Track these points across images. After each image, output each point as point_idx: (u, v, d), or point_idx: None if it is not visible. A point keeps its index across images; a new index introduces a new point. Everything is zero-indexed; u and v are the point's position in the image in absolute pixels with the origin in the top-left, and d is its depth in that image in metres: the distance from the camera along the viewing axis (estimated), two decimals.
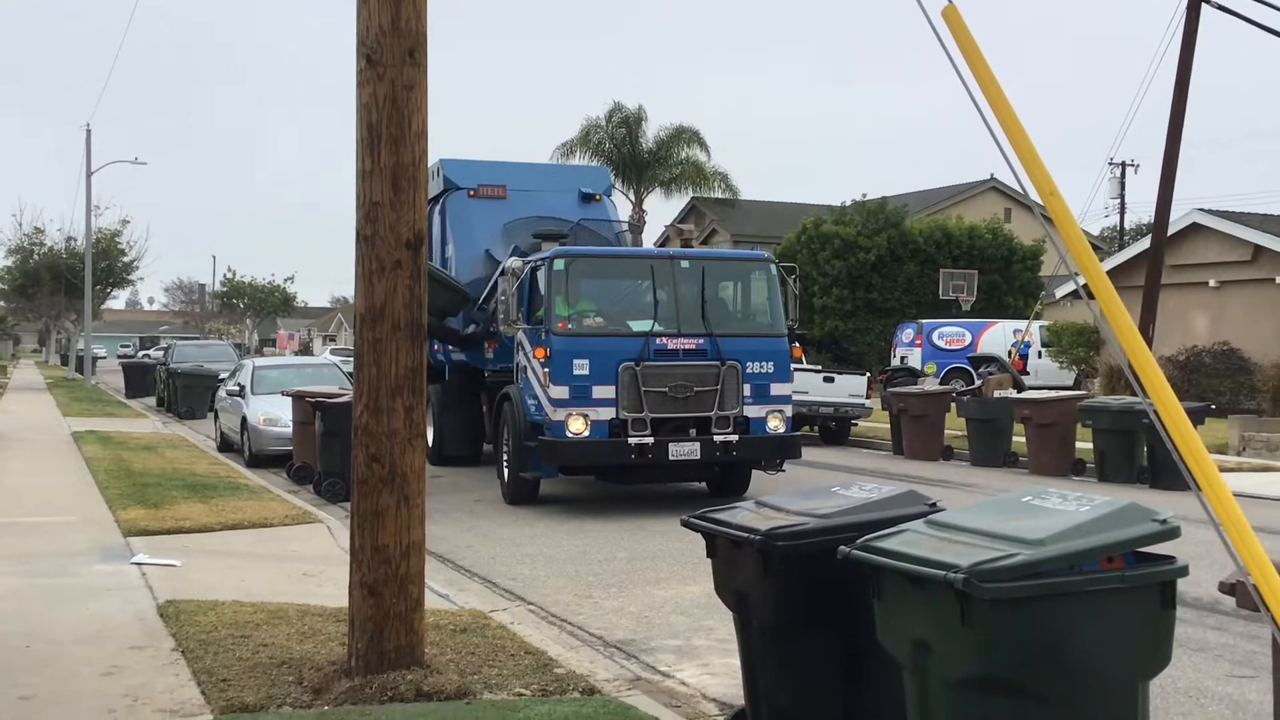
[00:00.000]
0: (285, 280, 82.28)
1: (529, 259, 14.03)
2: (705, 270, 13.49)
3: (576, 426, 12.70)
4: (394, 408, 5.95)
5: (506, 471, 14.09)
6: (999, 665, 3.82)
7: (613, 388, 12.76)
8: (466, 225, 17.12)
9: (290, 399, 16.48)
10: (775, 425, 13.45)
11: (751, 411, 13.30)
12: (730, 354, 13.13)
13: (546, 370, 12.85)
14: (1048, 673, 3.81)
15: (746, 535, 4.96)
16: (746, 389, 13.20)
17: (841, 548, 4.34)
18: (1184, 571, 3.92)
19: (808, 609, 4.88)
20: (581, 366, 12.74)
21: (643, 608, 8.69)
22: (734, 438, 13.09)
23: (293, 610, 7.54)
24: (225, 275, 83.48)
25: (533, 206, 16.96)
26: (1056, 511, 4.11)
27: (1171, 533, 3.93)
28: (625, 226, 17.92)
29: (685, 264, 13.53)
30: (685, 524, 5.43)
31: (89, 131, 44.46)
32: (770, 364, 13.44)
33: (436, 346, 17.41)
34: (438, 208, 17.59)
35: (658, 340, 12.94)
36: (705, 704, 6.36)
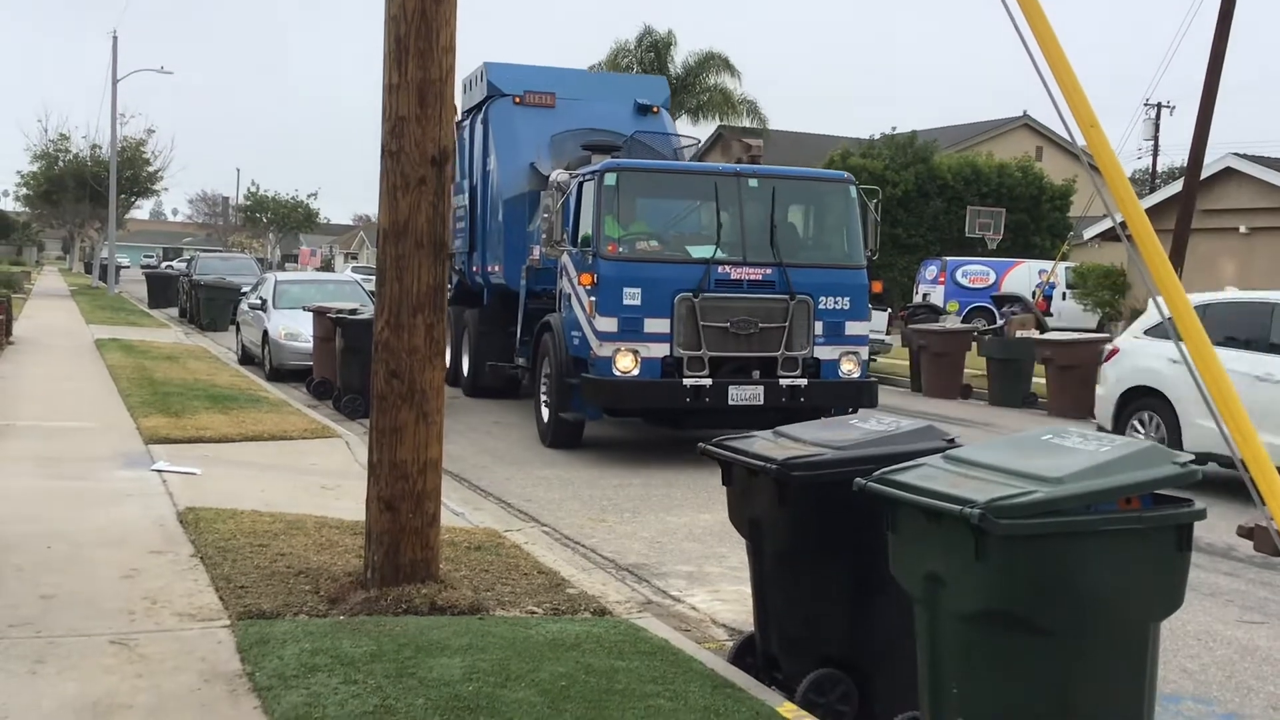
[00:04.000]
0: (309, 196, 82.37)
1: (576, 172, 12.53)
2: (776, 190, 11.91)
3: (625, 364, 11.28)
4: (415, 325, 5.95)
5: (545, 411, 12.74)
6: (1010, 601, 3.82)
7: (667, 321, 11.32)
8: (510, 135, 15.60)
9: (311, 314, 16.53)
10: (849, 369, 11.95)
11: (823, 353, 11.83)
12: (801, 287, 11.66)
13: (593, 299, 11.43)
14: (1059, 610, 3.81)
15: (763, 464, 4.95)
16: (818, 327, 11.77)
17: (858, 479, 4.32)
18: (1202, 515, 3.89)
19: (821, 539, 4.89)
20: (632, 296, 11.28)
21: (656, 533, 8.75)
22: (803, 382, 11.61)
23: (310, 522, 7.62)
24: (249, 189, 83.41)
25: (583, 117, 15.37)
26: (1076, 451, 4.08)
27: (1190, 475, 3.90)
28: (686, 143, 15.94)
29: (753, 183, 11.90)
30: (702, 451, 5.44)
31: (115, 39, 44.23)
32: (846, 299, 11.94)
33: (475, 267, 16.72)
34: (479, 116, 16.46)
35: (720, 269, 11.47)
36: (715, 629, 6.43)
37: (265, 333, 19.11)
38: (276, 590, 6.03)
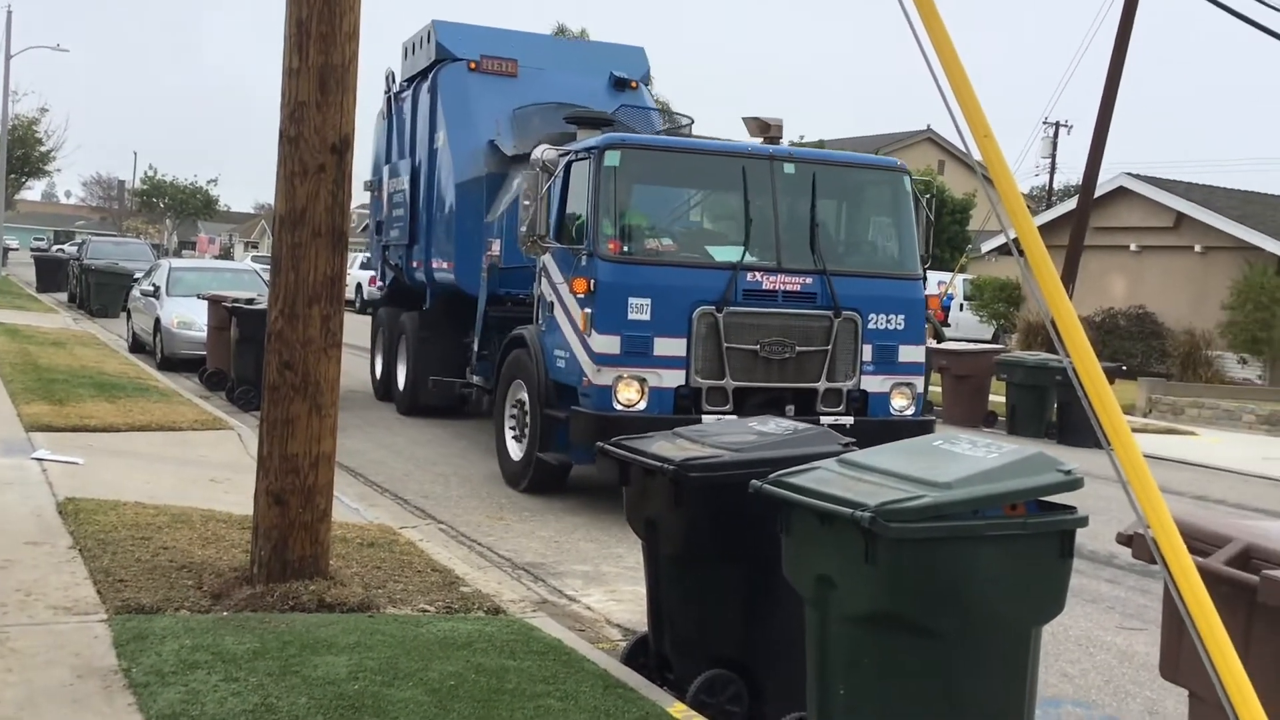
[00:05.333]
0: (208, 182, 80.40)
1: (566, 149, 9.96)
2: (817, 179, 9.57)
3: (628, 395, 8.93)
4: (310, 315, 5.82)
5: (515, 447, 10.31)
6: (899, 603, 3.86)
7: (683, 341, 8.95)
8: (464, 107, 13.18)
9: (206, 303, 16.13)
10: (902, 404, 9.64)
11: (872, 384, 9.51)
12: (848, 301, 9.35)
13: (588, 311, 8.99)
14: (945, 613, 3.86)
15: (660, 464, 4.95)
16: (866, 351, 9.46)
17: (753, 481, 4.34)
18: (1084, 522, 3.99)
19: (716, 540, 4.90)
20: (639, 309, 8.87)
21: (554, 532, 8.71)
22: (847, 420, 9.20)
23: (196, 515, 7.42)
24: (146, 173, 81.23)
25: (550, 90, 13.07)
26: (965, 457, 4.15)
27: (1074, 483, 3.99)
28: (683, 122, 13.15)
29: (790, 168, 9.54)
30: (600, 450, 5.41)
31: (9, 13, 42.71)
32: (900, 317, 9.59)
33: (416, 262, 14.14)
34: (425, 85, 13.88)
35: (749, 276, 9.12)
36: (609, 629, 6.41)
37: (157, 320, 18.60)
38: (158, 585, 5.85)
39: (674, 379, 8.98)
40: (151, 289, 19.59)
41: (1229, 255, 25.51)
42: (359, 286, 39.21)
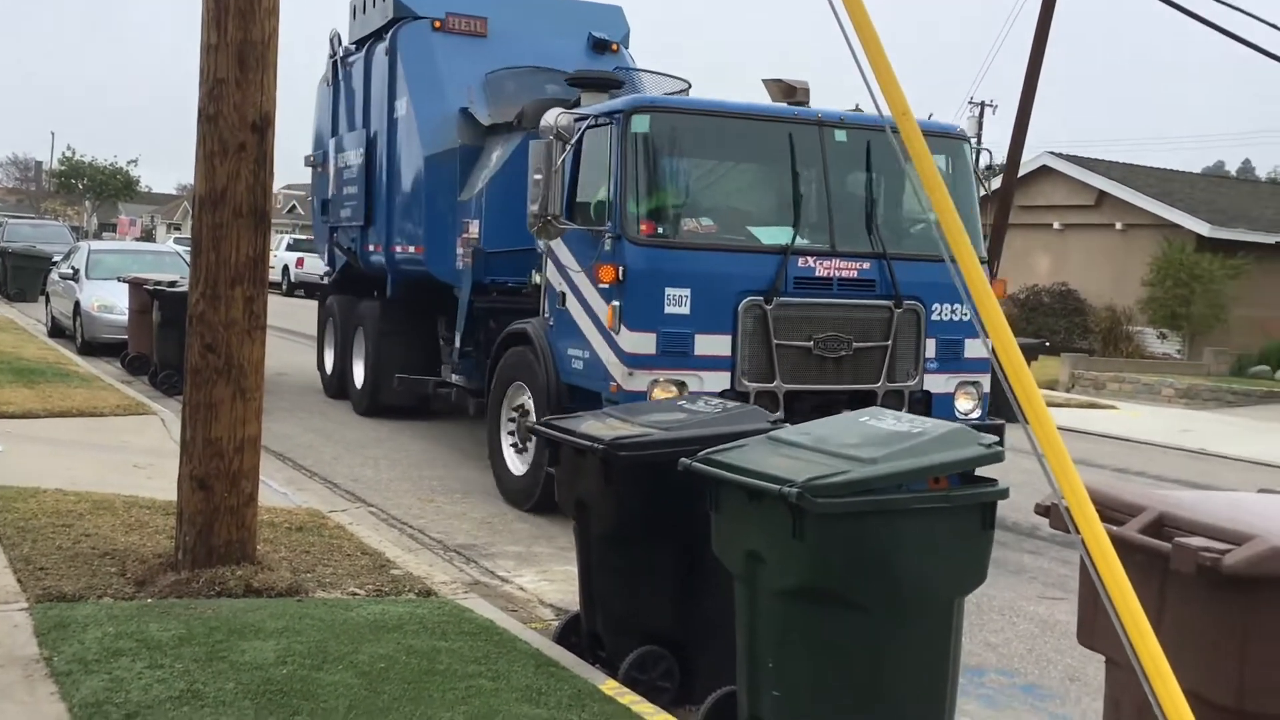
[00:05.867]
0: (129, 163, 78.57)
1: (582, 113, 8.56)
2: (871, 148, 8.35)
3: None
4: (233, 297, 5.73)
5: (516, 459, 9.05)
6: (826, 577, 3.92)
7: (727, 339, 7.78)
8: (430, 71, 11.69)
9: (127, 286, 15.80)
10: (967, 407, 8.52)
11: (935, 383, 8.38)
12: (910, 289, 8.19)
13: (616, 304, 7.78)
14: (871, 585, 3.92)
15: (590, 444, 4.96)
16: (929, 346, 8.32)
17: (682, 459, 4.37)
18: (1004, 494, 4.07)
19: (646, 519, 4.92)
20: (678, 301, 7.73)
21: (486, 514, 8.68)
22: None
23: (119, 501, 7.29)
24: (64, 154, 79.18)
25: (523, 52, 11.78)
26: (890, 431, 4.21)
27: (995, 457, 4.07)
28: (671, 87, 11.56)
29: (841, 135, 8.31)
30: (530, 430, 5.42)
31: None
32: (965, 306, 8.32)
33: (374, 246, 12.66)
34: (380, 46, 12.49)
35: (800, 261, 7.95)
36: (541, 609, 6.42)
37: (77, 304, 18.18)
38: (79, 572, 5.74)
39: (717, 382, 7.73)
40: (70, 272, 19.15)
41: (1149, 232, 26.08)
42: (285, 268, 38.73)
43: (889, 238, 8.31)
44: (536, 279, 9.19)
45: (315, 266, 38.79)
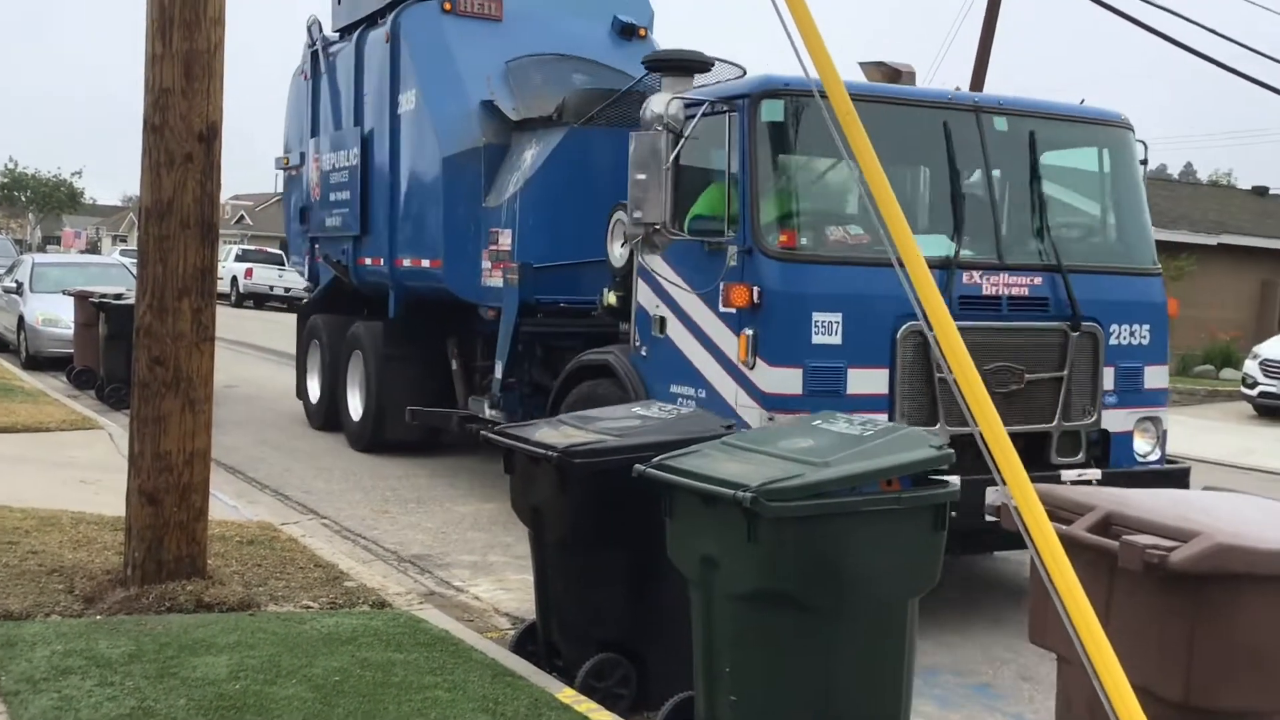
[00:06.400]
0: (73, 175, 77.42)
1: (691, 98, 6.93)
2: (1036, 138, 7.13)
3: None
4: (180, 309, 5.67)
5: None
6: (781, 581, 3.93)
7: (884, 373, 6.49)
8: (443, 59, 10.27)
9: (73, 298, 15.57)
10: (1145, 448, 7.23)
11: (1114, 420, 7.08)
12: (1087, 308, 6.94)
13: (749, 333, 6.45)
14: (826, 588, 3.95)
15: (544, 451, 4.95)
16: (1107, 376, 7.04)
17: (637, 466, 4.37)
18: (956, 495, 4.12)
19: (601, 526, 4.92)
20: (827, 327, 6.41)
21: (440, 523, 8.64)
22: (1094, 474, 6.74)
23: (66, 518, 7.18)
24: (6, 166, 77.90)
25: (543, 37, 10.40)
26: (842, 435, 4.24)
27: (946, 458, 4.11)
28: (735, 74, 8.66)
29: (1001, 123, 7.06)
30: (483, 438, 5.39)
31: None
32: (1145, 328, 7.21)
33: (372, 259, 11.22)
34: (378, 32, 11.02)
35: (965, 277, 6.69)
36: (497, 618, 6.39)
37: (21, 318, 17.92)
38: (26, 590, 5.65)
39: None
40: (14, 286, 18.86)
41: None
42: (234, 279, 38.33)
43: (1062, 246, 7.00)
44: (611, 299, 7.85)
45: (265, 277, 38.81)
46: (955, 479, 4.29)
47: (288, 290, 38.84)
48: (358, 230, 11.47)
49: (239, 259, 39.46)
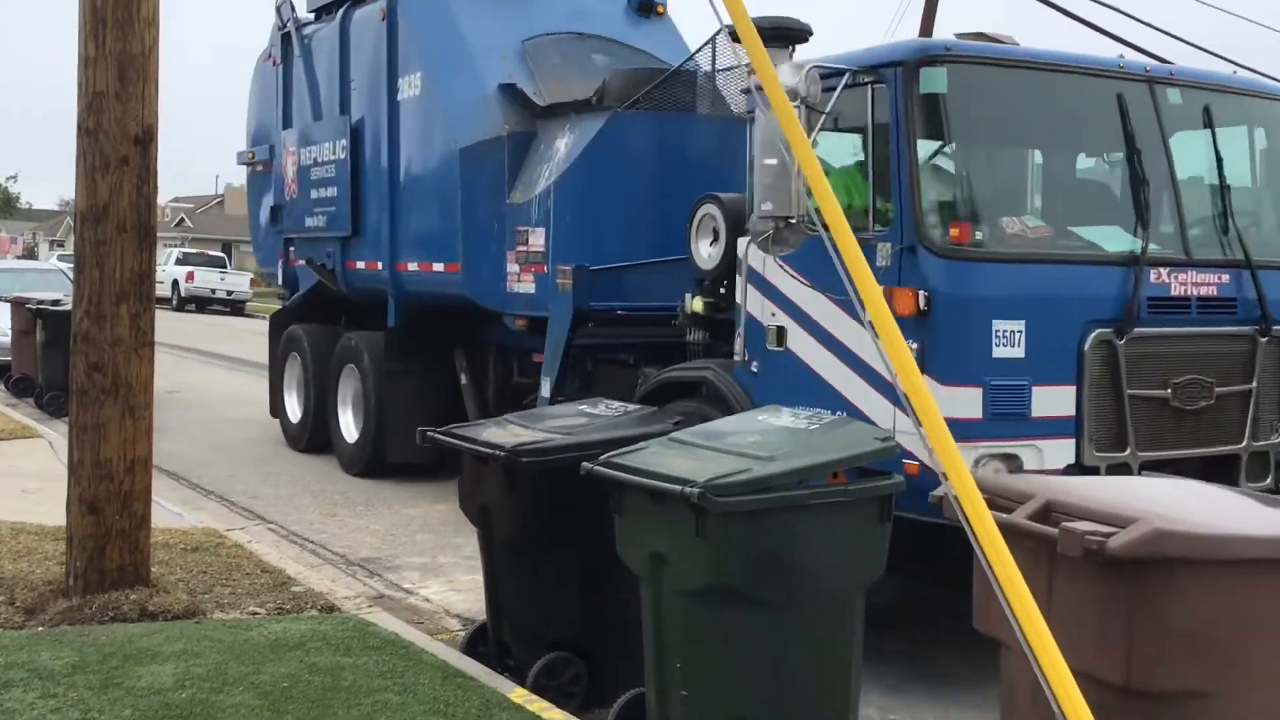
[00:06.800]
0: (8, 179, 75.97)
1: (830, 66, 5.74)
2: (1213, 113, 6.25)
3: None
4: (118, 314, 5.60)
5: None
6: (730, 575, 3.95)
7: (1070, 390, 5.59)
8: (450, 39, 9.36)
9: (9, 305, 15.28)
10: None
11: None
12: (1278, 309, 6.11)
13: (916, 346, 5.34)
14: (775, 582, 3.97)
15: (492, 451, 4.94)
16: None
17: (584, 464, 4.37)
18: (901, 486, 4.16)
19: (551, 524, 4.92)
20: (1008, 338, 5.48)
21: (389, 525, 8.58)
22: None
23: (6, 528, 7.06)
24: None
25: (555, 14, 9.62)
26: (788, 428, 4.27)
27: (891, 450, 4.16)
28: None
29: (1175, 96, 6.15)
30: (428, 439, 5.37)
31: None
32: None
33: (366, 263, 10.27)
34: (369, 9, 10.17)
35: (1153, 275, 5.79)
36: (448, 620, 6.37)
37: None
38: None
39: (1060, 454, 5.55)
40: None
41: None
42: (175, 283, 37.83)
43: (1246, 239, 6.10)
44: (696, 305, 6.82)
45: (207, 281, 38.34)
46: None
47: (230, 294, 38.49)
48: (348, 231, 10.45)
49: (180, 262, 38.93)
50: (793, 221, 5.56)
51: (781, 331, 6.14)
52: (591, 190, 8.04)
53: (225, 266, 41.43)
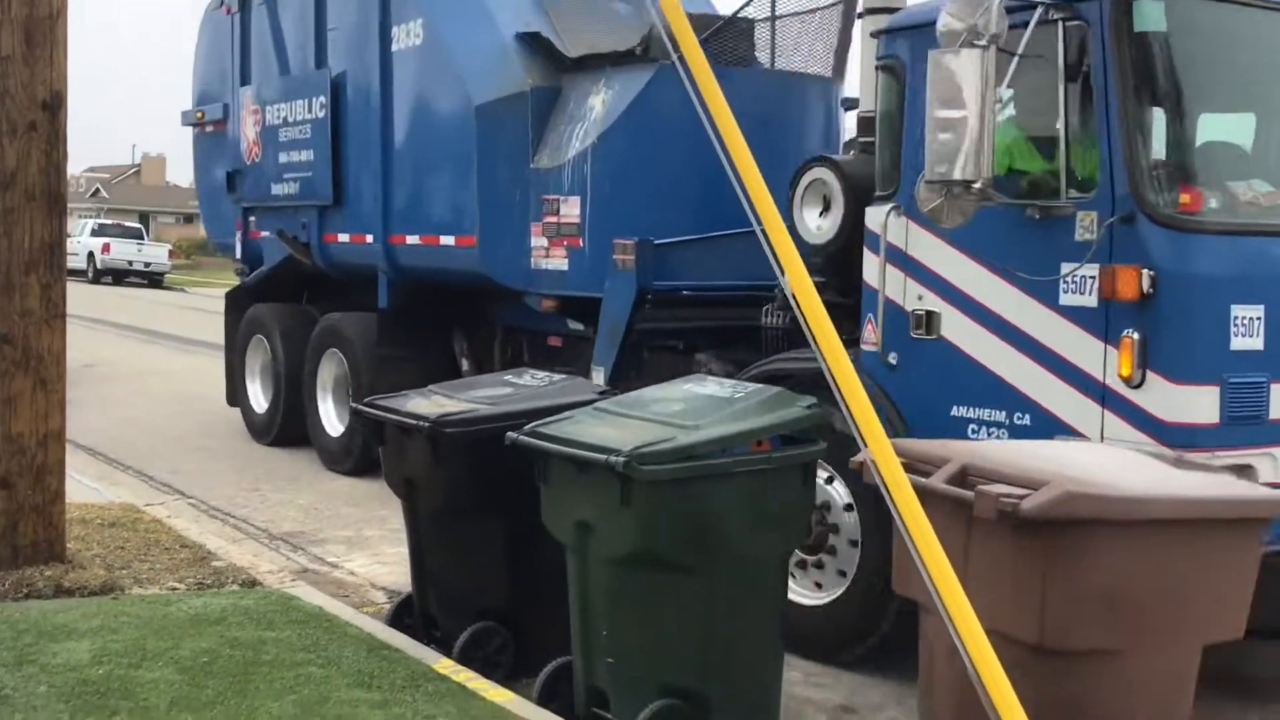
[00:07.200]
0: None
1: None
2: None
3: None
4: (28, 284, 5.47)
5: (813, 596, 5.50)
6: (656, 543, 3.98)
7: None
8: None
9: None
10: None
11: None
12: None
13: (1137, 336, 4.56)
14: (700, 548, 4.00)
15: (415, 422, 4.90)
16: None
17: (509, 434, 4.36)
18: (824, 452, 4.21)
19: (476, 495, 4.90)
20: (1248, 326, 4.67)
21: (313, 499, 8.50)
22: None
23: None
24: None
25: None
26: (713, 397, 4.30)
27: (815, 417, 4.19)
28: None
29: None
30: (354, 411, 5.32)
31: None
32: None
33: (344, 237, 9.34)
34: None
35: None
36: (374, 592, 6.33)
37: None
38: None
39: None
40: None
41: None
42: (90, 254, 36.95)
43: None
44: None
45: (123, 252, 37.48)
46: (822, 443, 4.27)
47: (148, 266, 37.68)
48: (328, 199, 9.38)
49: (95, 234, 38.01)
50: (976, 188, 4.51)
51: (932, 317, 5.19)
52: (635, 153, 7.17)
53: (143, 238, 40.54)
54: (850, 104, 7.40)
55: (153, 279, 37.60)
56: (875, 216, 5.39)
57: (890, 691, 5.16)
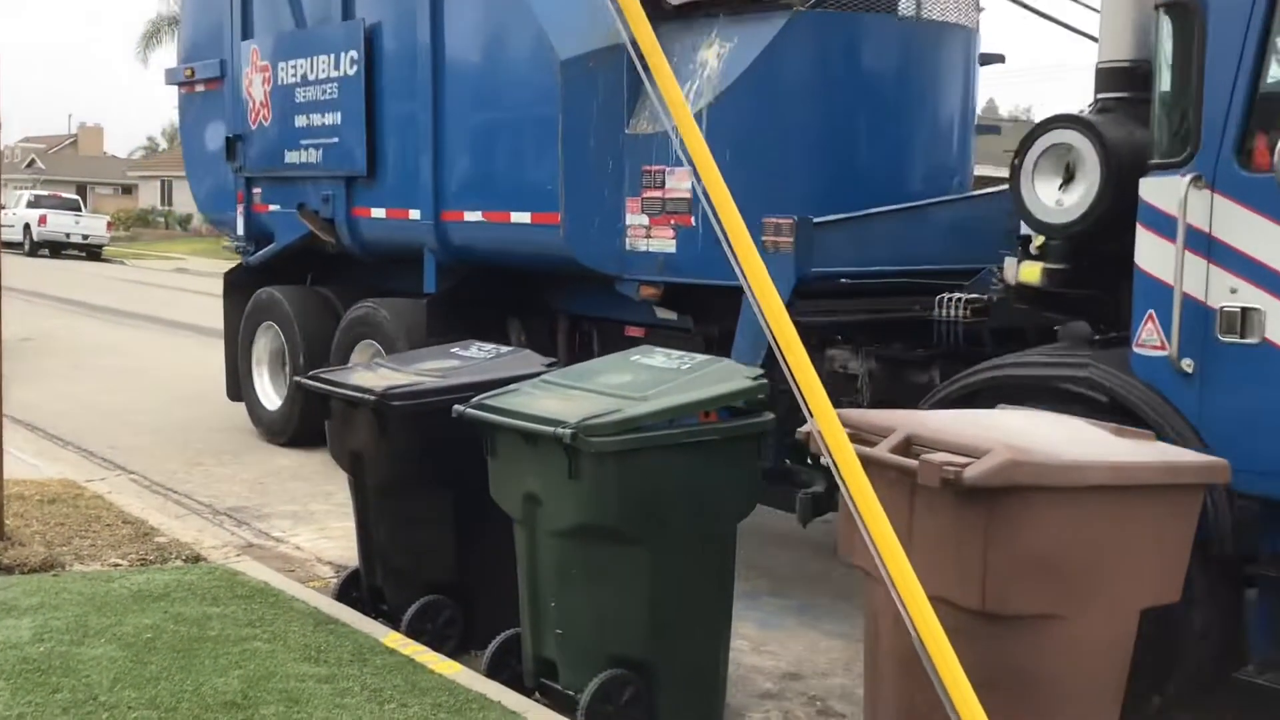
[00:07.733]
0: None
1: None
2: None
3: None
4: None
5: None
6: (603, 515, 3.99)
7: None
8: None
9: None
10: None
11: None
12: None
13: None
14: (648, 520, 4.02)
15: (362, 395, 4.87)
16: None
17: (456, 406, 4.35)
18: (772, 424, 4.23)
19: (423, 468, 4.89)
20: None
21: (259, 474, 8.42)
22: None
23: None
24: None
25: None
26: (660, 369, 4.31)
27: (761, 389, 4.22)
28: None
29: None
30: (298, 384, 5.27)
31: None
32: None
33: (380, 212, 8.26)
34: None
35: None
36: (320, 567, 6.30)
37: None
38: None
39: None
40: None
41: None
42: (26, 227, 36.19)
43: None
44: (1031, 272, 4.91)
45: (60, 225, 36.75)
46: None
47: (86, 238, 37.01)
48: (360, 169, 8.25)
49: (31, 205, 37.21)
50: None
51: (1249, 315, 4.11)
52: (764, 116, 6.24)
53: (80, 210, 39.73)
54: (989, 59, 6.83)
55: (91, 251, 36.92)
56: (1163, 189, 4.21)
57: (837, 658, 5.23)
